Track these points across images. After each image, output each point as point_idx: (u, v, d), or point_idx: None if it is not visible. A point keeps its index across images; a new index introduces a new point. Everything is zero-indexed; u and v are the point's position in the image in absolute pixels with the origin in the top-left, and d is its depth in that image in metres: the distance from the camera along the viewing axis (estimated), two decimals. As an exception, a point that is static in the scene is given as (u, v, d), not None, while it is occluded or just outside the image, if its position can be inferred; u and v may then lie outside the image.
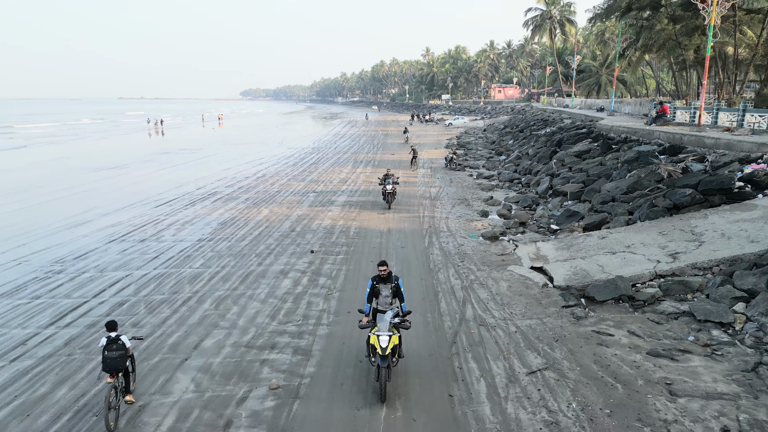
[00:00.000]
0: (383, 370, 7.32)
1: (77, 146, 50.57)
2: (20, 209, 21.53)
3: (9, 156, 42.01)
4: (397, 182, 21.60)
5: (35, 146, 49.61)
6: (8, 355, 9.15)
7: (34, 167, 35.03)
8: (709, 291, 10.69)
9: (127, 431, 6.99)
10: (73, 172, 32.38)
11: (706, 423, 6.87)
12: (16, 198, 23.97)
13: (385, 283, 8.09)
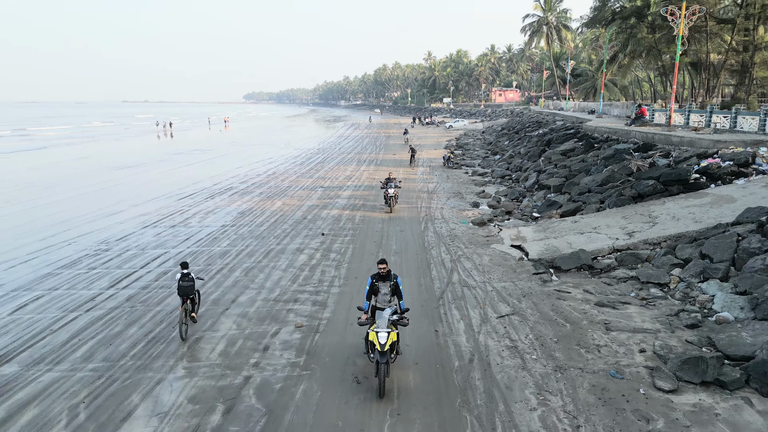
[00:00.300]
0: (382, 365, 7.48)
1: (93, 147, 52.99)
2: (57, 201, 23.84)
3: (33, 156, 44.40)
4: (399, 186, 21.42)
5: (55, 147, 52.02)
6: (82, 308, 11.39)
7: (59, 166, 37.39)
8: (654, 261, 12.91)
9: (191, 354, 9.22)
10: (96, 170, 34.71)
11: (628, 347, 9.08)
12: (51, 192, 26.29)
13: (384, 281, 8.24)
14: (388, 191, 20.59)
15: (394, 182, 20.97)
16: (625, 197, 17.49)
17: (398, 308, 8.18)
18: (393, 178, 21.13)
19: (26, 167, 36.53)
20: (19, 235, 17.65)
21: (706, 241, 12.54)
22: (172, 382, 8.24)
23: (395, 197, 20.88)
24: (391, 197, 20.64)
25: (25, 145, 54.44)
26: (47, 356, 9.13)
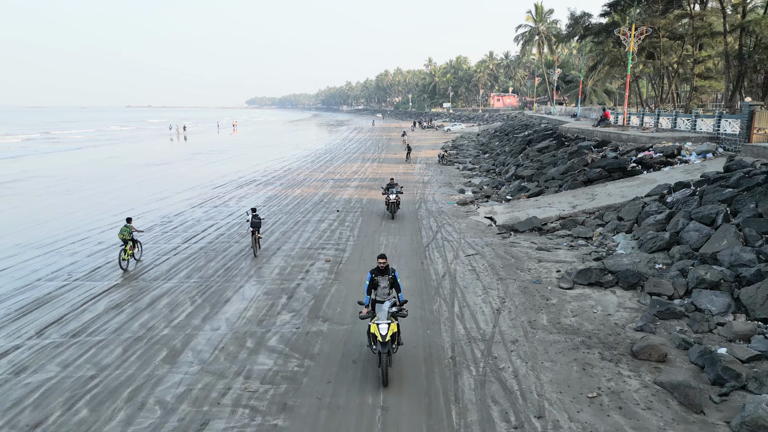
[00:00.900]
0: (384, 356, 7.78)
1: (119, 148, 57.68)
2: (112, 190, 28.41)
3: (71, 156, 49.06)
4: (401, 192, 20.92)
5: (86, 148, 56.74)
6: (168, 254, 15.87)
7: (96, 164, 42.01)
8: (586, 224, 17.42)
9: (258, 274, 13.72)
10: (130, 167, 39.31)
11: (549, 269, 13.57)
12: (102, 183, 30.86)
13: (383, 275, 8.48)
14: (390, 197, 19.94)
15: (396, 188, 20.38)
16: (578, 182, 22.04)
17: (397, 300, 8.46)
18: (395, 183, 20.68)
19: (69, 165, 41.13)
20: (97, 212, 22.22)
21: (623, 208, 17.08)
22: (250, 286, 12.77)
23: (397, 203, 20.29)
24: (392, 203, 20.05)
25: (58, 146, 59.18)
26: (161, 276, 13.65)
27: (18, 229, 19.11)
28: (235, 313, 11.12)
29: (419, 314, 10.85)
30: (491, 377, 8.25)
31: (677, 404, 7.38)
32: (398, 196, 20.32)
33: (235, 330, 10.24)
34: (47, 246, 16.70)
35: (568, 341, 9.43)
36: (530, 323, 10.25)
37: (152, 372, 8.61)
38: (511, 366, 8.58)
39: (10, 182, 31.17)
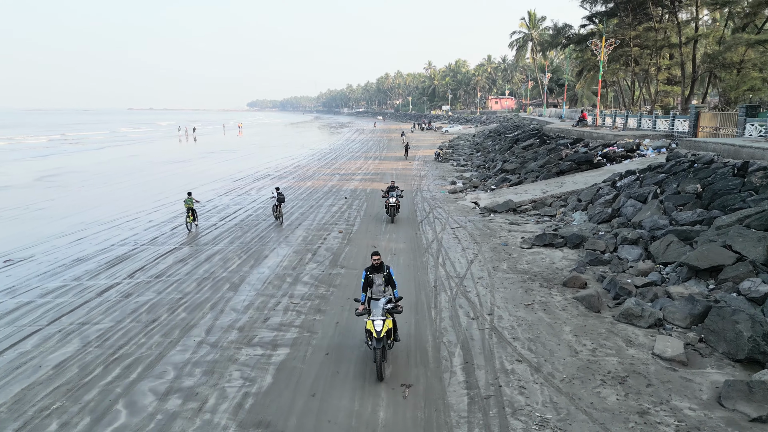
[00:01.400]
0: (379, 351, 7.92)
1: (137, 148, 61.34)
2: (142, 183, 32.03)
3: (94, 154, 52.74)
4: (402, 195, 20.42)
5: (106, 148, 60.44)
6: (210, 228, 19.44)
7: (119, 161, 45.66)
8: (553, 205, 21.04)
9: (286, 241, 17.32)
10: (152, 164, 42.95)
11: (516, 237, 17.16)
12: (131, 177, 34.48)
13: (378, 273, 8.67)
14: (390, 200, 19.45)
15: (396, 191, 19.88)
16: (551, 173, 25.67)
17: (392, 297, 8.56)
18: (396, 187, 20.11)
19: (96, 162, 44.78)
20: (138, 199, 25.85)
21: (583, 192, 20.70)
22: (281, 248, 16.37)
23: (397, 207, 19.81)
24: (392, 207, 19.56)
25: (80, 146, 62.88)
26: (210, 242, 17.25)
27: (77, 212, 22.73)
28: (274, 263, 14.73)
29: (412, 263, 14.47)
30: (460, 296, 11.86)
31: (584, 308, 10.98)
32: (398, 199, 19.75)
33: (276, 273, 13.85)
34: (107, 223, 20.31)
35: (519, 277, 13.04)
36: (494, 268, 13.86)
37: (222, 295, 12.22)
38: (475, 290, 12.19)
39: (51, 176, 34.81)
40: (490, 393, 7.74)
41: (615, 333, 9.71)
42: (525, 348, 9.17)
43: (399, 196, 19.92)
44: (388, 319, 8.21)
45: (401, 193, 20.42)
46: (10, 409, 7.55)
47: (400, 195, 20.12)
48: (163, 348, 9.43)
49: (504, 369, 8.44)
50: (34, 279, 13.54)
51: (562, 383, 7.96)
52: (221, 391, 7.98)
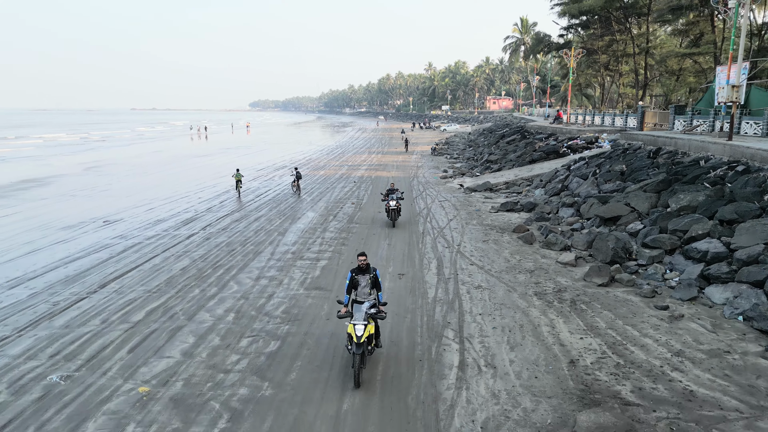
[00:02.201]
0: (357, 357, 7.65)
1: (159, 145, 66.66)
2: (176, 173, 37.29)
3: (124, 150, 58.08)
4: (402, 198, 19.54)
5: (132, 145, 65.80)
6: (250, 202, 24.70)
7: (149, 156, 50.96)
8: (521, 185, 26.32)
9: (312, 209, 22.60)
10: (178, 158, 48.23)
11: (488, 206, 22.43)
12: (166, 168, 39.77)
13: (364, 274, 8.41)
14: (390, 203, 18.53)
15: (396, 194, 19.11)
16: (525, 161, 30.95)
17: (377, 301, 8.36)
18: (396, 189, 19.42)
19: (128, 156, 50.10)
20: (180, 184, 31.11)
21: (544, 174, 25.98)
22: (309, 213, 21.63)
23: (398, 211, 18.85)
24: (392, 210, 18.61)
25: (108, 143, 68.29)
26: (254, 210, 22.52)
27: (135, 192, 27.99)
28: (306, 222, 20.03)
29: (407, 221, 19.74)
30: (440, 237, 17.13)
31: (522, 242, 16.24)
32: (399, 202, 18.84)
33: (309, 227, 19.14)
34: (166, 199, 25.57)
35: (483, 228, 18.31)
36: (466, 223, 19.13)
37: (275, 238, 17.49)
38: (450, 235, 17.46)
39: (96, 167, 40.12)
40: (450, 277, 13.03)
41: (537, 253, 15.00)
42: (476, 259, 14.45)
43: (399, 199, 18.94)
44: (370, 324, 7.95)
45: (402, 196, 19.45)
46: (167, 284, 12.82)
47: (401, 198, 19.20)
48: (246, 261, 14.73)
49: (461, 267, 13.73)
50: (134, 231, 18.83)
51: (494, 273, 13.24)
52: (290, 277, 13.27)
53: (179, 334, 9.87)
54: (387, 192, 19.35)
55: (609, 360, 8.56)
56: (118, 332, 9.98)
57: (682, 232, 13.62)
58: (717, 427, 6.67)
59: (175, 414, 7.28)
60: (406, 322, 10.40)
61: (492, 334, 9.70)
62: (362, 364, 7.86)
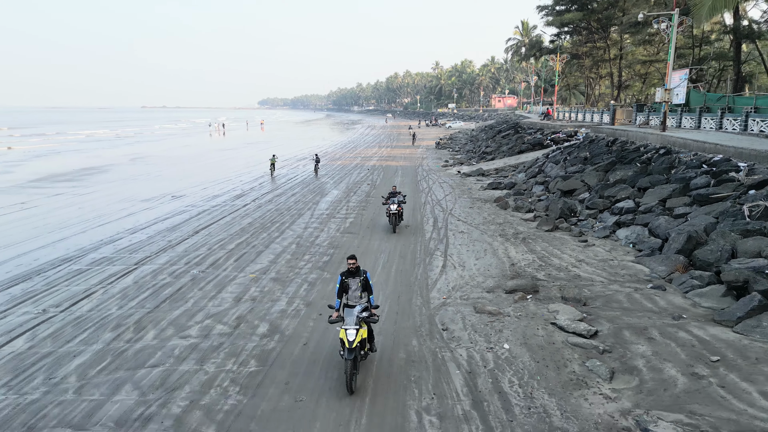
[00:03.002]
0: (350, 362, 7.47)
1: (183, 141, 72.22)
2: (211, 164, 42.71)
3: (155, 145, 63.69)
4: (404, 201, 18.19)
5: (161, 140, 71.45)
6: (283, 184, 30.05)
7: (179, 149, 56.47)
8: (507, 171, 31.50)
9: (336, 190, 27.91)
10: (209, 152, 53.70)
11: (477, 187, 27.64)
12: (199, 160, 45.21)
13: (354, 277, 8.28)
14: (391, 207, 17.32)
15: (398, 197, 17.86)
16: (514, 152, 36.10)
17: (369, 304, 8.21)
18: (398, 192, 18.18)
19: (161, 150, 55.64)
20: (217, 172, 36.50)
21: (528, 162, 31.14)
22: (334, 191, 26.94)
23: (399, 215, 17.63)
24: (393, 215, 17.36)
25: (138, 139, 74.07)
26: (289, 189, 27.86)
27: (184, 177, 33.35)
28: (332, 196, 25.34)
29: (412, 196, 25.00)
30: (437, 205, 22.38)
31: (498, 208, 21.45)
32: (401, 206, 17.60)
33: (335, 199, 24.46)
34: (213, 182, 30.89)
35: (471, 200, 23.53)
36: (458, 197, 24.36)
37: (311, 206, 22.79)
38: (445, 204, 22.70)
39: (140, 159, 45.64)
40: (442, 227, 18.29)
41: (508, 214, 20.23)
42: (462, 218, 19.70)
43: (401, 203, 17.68)
44: (362, 328, 7.79)
45: (404, 199, 18.19)
46: (241, 231, 18.14)
47: (403, 201, 17.88)
48: (293, 219, 20.06)
49: (450, 222, 18.98)
50: (199, 202, 24.19)
51: (473, 225, 18.48)
52: (328, 227, 18.58)
53: (263, 254, 15.19)
54: (388, 195, 17.77)
55: (536, 263, 13.78)
56: (222, 253, 15.33)
57: (612, 197, 18.80)
58: (586, 287, 11.86)
59: (276, 284, 12.59)
60: (410, 248, 15.67)
61: (465, 253, 14.95)
62: (355, 369, 7.60)
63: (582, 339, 9.18)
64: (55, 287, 12.40)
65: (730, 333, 9.17)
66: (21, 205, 23.56)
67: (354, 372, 7.61)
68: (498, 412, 7.15)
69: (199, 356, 8.87)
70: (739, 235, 12.16)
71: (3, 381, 8.09)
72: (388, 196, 18.06)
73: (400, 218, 18.00)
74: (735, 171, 15.96)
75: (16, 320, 10.46)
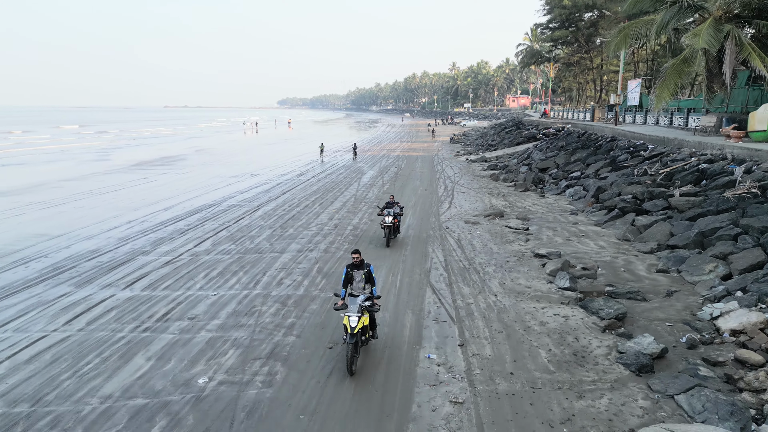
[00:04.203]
0: (351, 347, 8.08)
1: (227, 137, 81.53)
2: (263, 154, 51.60)
3: (203, 140, 73.02)
4: (401, 213, 16.69)
5: (206, 137, 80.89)
6: (331, 167, 38.71)
7: (227, 143, 65.60)
8: (506, 159, 39.84)
9: (369, 169, 36.50)
10: (256, 145, 62.73)
11: (480, 168, 36.04)
12: (251, 151, 54.16)
13: (358, 270, 8.96)
14: (386, 219, 15.65)
15: (395, 208, 16.15)
16: (513, 144, 44.39)
17: (371, 294, 8.87)
18: (395, 202, 16.52)
19: (216, 143, 64.82)
20: (275, 159, 45.34)
21: (520, 151, 39.44)
22: (370, 172, 35.53)
23: (395, 227, 16.08)
24: (389, 227, 15.66)
25: (185, 136, 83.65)
26: (335, 170, 36.53)
27: (249, 163, 42.17)
28: (370, 175, 33.95)
29: (428, 175, 33.47)
30: (447, 180, 30.83)
31: (492, 180, 29.86)
32: (397, 218, 16.11)
33: (372, 176, 33.05)
34: (276, 166, 39.64)
35: (473, 176, 31.94)
36: (464, 175, 32.79)
37: (356, 180, 31.40)
38: (453, 178, 31.14)
39: (202, 151, 54.74)
40: (450, 190, 26.81)
41: (497, 184, 28.66)
42: (464, 186, 28.17)
43: (398, 214, 16.15)
44: (364, 315, 8.39)
45: (402, 211, 16.82)
46: (313, 192, 26.83)
47: (400, 213, 16.42)
48: (347, 186, 28.72)
49: (456, 188, 27.48)
50: (274, 178, 32.92)
51: (472, 189, 26.95)
52: (372, 191, 27.20)
53: (334, 202, 23.83)
54: (384, 205, 16.15)
55: (506, 205, 22.19)
56: (308, 202, 24.00)
57: (569, 171, 27.09)
58: (531, 214, 20.22)
59: (349, 214, 21.20)
60: (427, 198, 24.21)
61: (463, 201, 23.42)
62: (356, 352, 8.20)
63: (517, 229, 17.65)
64: (217, 217, 21.14)
65: (598, 227, 17.55)
66: (144, 180, 32.57)
67: (354, 355, 8.19)
68: (470, 249, 15.62)
69: (322, 237, 17.48)
70: (626, 184, 20.43)
71: (237, 239, 16.80)
72: (384, 207, 16.02)
73: (397, 231, 16.29)
74: (644, 150, 24.17)
75: (212, 226, 19.23)
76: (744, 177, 15.85)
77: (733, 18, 19.26)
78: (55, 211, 22.37)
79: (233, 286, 12.59)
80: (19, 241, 17.05)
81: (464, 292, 11.91)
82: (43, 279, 13.26)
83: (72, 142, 66.35)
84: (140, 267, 14.16)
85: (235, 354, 9.03)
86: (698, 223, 14.40)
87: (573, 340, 9.32)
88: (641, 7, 21.62)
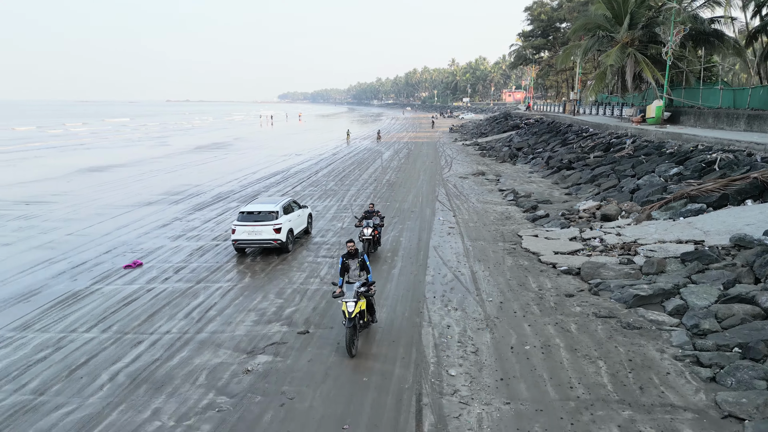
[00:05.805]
0: (349, 330, 8.77)
1: (248, 129, 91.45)
2: (288, 143, 61.68)
3: (235, 130, 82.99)
4: (382, 224, 15.06)
5: (228, 128, 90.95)
6: (352, 154, 48.81)
7: (254, 134, 75.57)
8: (496, 143, 50.09)
9: (386, 151, 46.69)
10: (282, 135, 72.72)
11: (471, 149, 46.25)
12: (280, 138, 64.21)
13: (353, 259, 9.52)
14: (364, 231, 13.98)
15: (374, 219, 14.46)
16: (501, 131, 54.62)
17: (367, 281, 9.38)
18: (376, 211, 15.01)
19: (246, 134, 74.81)
20: (299, 146, 55.45)
21: (505, 136, 49.69)
22: (387, 153, 45.69)
23: (376, 240, 14.45)
24: (368, 240, 13.98)
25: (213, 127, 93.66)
26: (357, 153, 46.67)
27: (286, 147, 52.18)
28: (387, 155, 44.10)
29: (432, 154, 43.67)
30: (447, 157, 41.04)
31: (480, 156, 40.08)
32: (378, 229, 14.40)
33: (390, 156, 43.23)
34: (310, 150, 49.64)
35: (467, 155, 42.12)
36: (459, 153, 42.97)
37: (377, 159, 41.58)
38: (451, 157, 41.35)
39: (239, 139, 64.72)
40: (448, 162, 37.04)
41: (484, 158, 38.92)
42: (459, 162, 38.40)
43: (378, 225, 14.56)
44: (361, 300, 8.99)
45: (382, 222, 15.33)
46: (350, 164, 37.01)
47: (380, 224, 14.85)
48: (372, 162, 38.92)
49: (453, 161, 37.73)
50: (316, 156, 43.05)
51: (464, 162, 37.21)
52: (392, 165, 37.42)
53: (368, 169, 34.07)
54: (363, 215, 14.72)
55: (488, 170, 32.41)
56: (349, 170, 34.19)
57: (536, 148, 37.31)
58: (503, 173, 30.43)
59: (380, 172, 31.43)
60: (431, 167, 34.42)
61: (458, 167, 33.64)
62: (355, 335, 8.87)
63: (491, 179, 27.93)
64: (293, 176, 31.26)
65: (542, 179, 27.82)
66: (215, 158, 42.74)
67: (354, 338, 8.84)
68: (461, 188, 25.83)
69: (368, 184, 27.69)
70: (569, 154, 30.58)
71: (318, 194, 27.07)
72: (362, 217, 14.55)
73: (378, 244, 14.85)
74: (586, 132, 34.38)
75: (293, 181, 29.42)
76: (630, 145, 26.09)
77: (634, 42, 29.42)
78: (176, 174, 32.54)
79: (328, 204, 22.81)
80: (177, 188, 27.23)
81: (456, 202, 22.15)
82: (217, 201, 23.46)
83: (126, 133, 76.52)
84: (272, 194, 24.37)
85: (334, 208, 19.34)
86: (595, 171, 24.65)
87: (507, 215, 19.57)
88: (579, 34, 31.81)
